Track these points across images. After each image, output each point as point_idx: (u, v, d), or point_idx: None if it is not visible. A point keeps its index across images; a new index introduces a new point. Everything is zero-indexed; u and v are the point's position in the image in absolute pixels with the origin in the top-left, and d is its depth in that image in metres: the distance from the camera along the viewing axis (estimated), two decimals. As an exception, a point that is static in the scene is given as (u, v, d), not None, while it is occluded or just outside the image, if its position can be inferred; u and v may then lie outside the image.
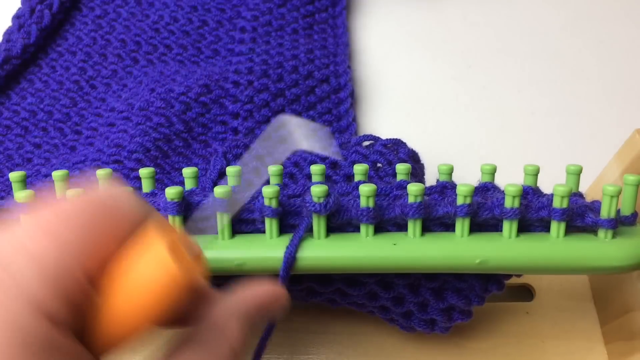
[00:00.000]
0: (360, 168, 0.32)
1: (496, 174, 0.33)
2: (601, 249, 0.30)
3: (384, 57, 0.55)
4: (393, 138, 0.40)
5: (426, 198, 0.30)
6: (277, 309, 0.26)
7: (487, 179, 0.32)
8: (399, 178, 0.33)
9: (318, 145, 0.27)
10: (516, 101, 0.52)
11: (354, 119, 0.48)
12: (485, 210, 0.29)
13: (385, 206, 0.30)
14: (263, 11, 0.54)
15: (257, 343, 0.30)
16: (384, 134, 0.42)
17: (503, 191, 0.30)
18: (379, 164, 0.38)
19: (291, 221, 0.30)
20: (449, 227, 0.30)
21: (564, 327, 0.39)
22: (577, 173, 0.32)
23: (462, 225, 0.30)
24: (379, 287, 0.34)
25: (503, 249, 0.29)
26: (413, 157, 0.39)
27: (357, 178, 0.32)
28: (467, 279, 0.33)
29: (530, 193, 0.31)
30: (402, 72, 0.54)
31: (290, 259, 0.29)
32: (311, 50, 0.50)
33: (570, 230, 0.30)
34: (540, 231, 0.30)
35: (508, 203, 0.29)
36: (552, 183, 0.31)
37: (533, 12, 0.58)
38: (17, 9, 0.54)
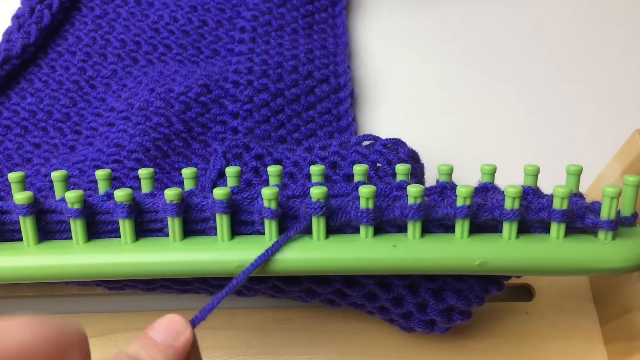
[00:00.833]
0: (360, 168, 0.32)
1: (496, 174, 0.32)
2: (601, 251, 0.29)
3: (384, 57, 0.55)
4: (393, 138, 0.40)
5: (426, 199, 0.30)
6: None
7: (487, 180, 0.32)
8: (399, 178, 0.33)
9: None
10: (516, 101, 0.52)
11: (354, 119, 0.48)
12: (485, 211, 0.29)
13: (384, 207, 0.30)
14: (263, 11, 0.54)
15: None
16: (384, 134, 0.42)
17: (503, 192, 0.30)
18: (379, 164, 0.38)
19: (291, 223, 0.30)
20: (449, 229, 0.30)
21: (564, 327, 0.39)
22: (578, 173, 0.32)
23: (462, 226, 0.29)
24: (379, 288, 0.34)
25: (503, 251, 0.29)
26: (413, 157, 0.39)
27: (357, 178, 0.32)
28: (467, 280, 0.33)
29: (530, 193, 0.31)
30: (402, 72, 0.54)
31: (259, 262, 0.29)
32: (311, 50, 0.50)
33: (570, 231, 0.30)
34: (540, 232, 0.30)
35: (508, 205, 0.29)
36: (552, 183, 0.30)
37: (533, 12, 0.58)
38: (17, 9, 0.54)
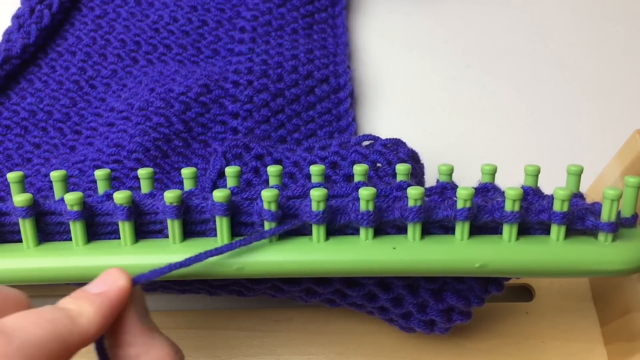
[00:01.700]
0: (360, 168, 0.32)
1: (496, 174, 0.32)
2: (601, 253, 0.29)
3: (384, 57, 0.55)
4: (393, 138, 0.40)
5: (426, 199, 0.30)
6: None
7: (488, 180, 0.32)
8: (399, 178, 0.32)
9: None
10: (516, 101, 0.52)
11: (354, 119, 0.48)
12: (485, 213, 0.29)
13: (384, 209, 0.30)
14: (263, 11, 0.54)
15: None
16: (384, 134, 0.42)
17: (503, 192, 0.30)
18: (379, 164, 0.38)
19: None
20: (449, 230, 0.30)
21: (564, 328, 0.39)
22: (578, 173, 0.31)
23: (462, 228, 0.29)
24: (378, 288, 0.33)
25: (503, 253, 0.29)
26: (413, 157, 0.39)
27: (357, 178, 0.32)
28: (467, 281, 0.33)
29: (530, 194, 0.31)
30: (402, 72, 0.54)
31: (185, 264, 0.28)
32: (311, 50, 0.50)
33: (570, 232, 0.30)
34: (540, 234, 0.30)
35: (508, 207, 0.29)
36: (553, 183, 0.30)
37: (533, 12, 0.58)
38: (17, 9, 0.54)
